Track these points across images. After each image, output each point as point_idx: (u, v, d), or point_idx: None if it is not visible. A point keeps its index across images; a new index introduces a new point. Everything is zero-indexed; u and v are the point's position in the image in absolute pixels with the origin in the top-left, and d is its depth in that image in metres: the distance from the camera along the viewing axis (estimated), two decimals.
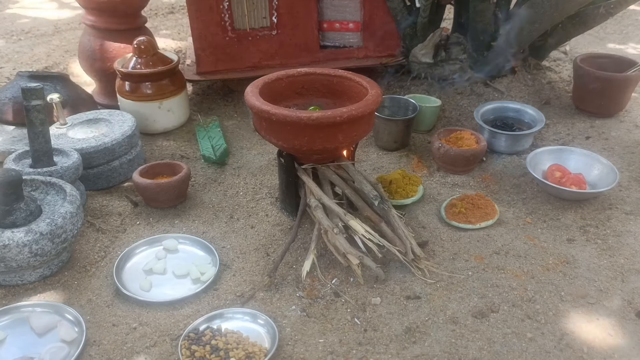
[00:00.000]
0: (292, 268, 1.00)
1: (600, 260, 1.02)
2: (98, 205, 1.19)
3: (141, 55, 1.41)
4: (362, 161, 1.35)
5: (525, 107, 1.43)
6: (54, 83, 1.41)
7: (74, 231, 0.97)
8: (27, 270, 0.96)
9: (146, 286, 0.97)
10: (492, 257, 1.03)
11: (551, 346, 0.85)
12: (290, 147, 0.99)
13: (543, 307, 0.92)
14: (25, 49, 2.12)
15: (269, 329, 0.87)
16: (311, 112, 0.92)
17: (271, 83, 1.06)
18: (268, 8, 1.53)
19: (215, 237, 1.09)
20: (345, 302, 0.93)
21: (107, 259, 1.04)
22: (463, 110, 1.58)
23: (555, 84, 1.72)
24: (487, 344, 0.85)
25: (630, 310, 0.91)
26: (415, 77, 1.69)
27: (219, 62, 1.58)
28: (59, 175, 1.07)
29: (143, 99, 1.42)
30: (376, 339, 0.86)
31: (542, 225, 1.12)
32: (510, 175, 1.28)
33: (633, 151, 1.38)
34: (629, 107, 1.57)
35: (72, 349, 0.84)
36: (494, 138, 1.34)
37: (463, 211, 1.11)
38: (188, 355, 0.82)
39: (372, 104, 0.95)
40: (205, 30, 1.52)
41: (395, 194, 1.16)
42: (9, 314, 0.91)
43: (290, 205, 1.12)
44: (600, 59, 1.55)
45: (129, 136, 1.25)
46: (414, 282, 0.96)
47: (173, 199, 1.17)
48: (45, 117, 1.07)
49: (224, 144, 1.38)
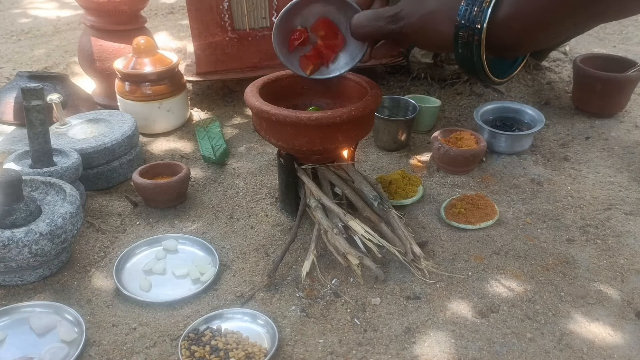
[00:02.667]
0: (291, 268, 1.00)
1: (600, 260, 1.02)
2: (98, 205, 1.19)
3: (141, 55, 1.41)
4: (362, 161, 1.35)
5: (525, 108, 1.43)
6: (54, 83, 1.41)
7: (73, 231, 0.97)
8: (27, 271, 0.96)
9: (146, 286, 0.97)
10: (492, 257, 1.03)
11: (551, 346, 0.85)
12: (290, 148, 0.99)
13: (543, 307, 0.92)
14: (25, 49, 2.12)
15: (269, 329, 0.87)
16: (311, 113, 0.92)
17: (271, 83, 1.06)
18: (268, 8, 1.53)
19: (215, 238, 1.09)
20: (345, 302, 0.93)
21: (107, 259, 1.04)
22: (463, 110, 1.58)
23: (555, 84, 1.72)
24: (487, 344, 0.85)
25: (630, 310, 0.91)
26: (415, 77, 1.70)
27: (219, 62, 1.57)
28: (58, 176, 1.07)
29: (143, 99, 1.42)
30: (376, 339, 0.86)
31: (541, 225, 1.12)
32: (510, 175, 1.28)
33: (633, 151, 1.38)
34: (628, 107, 1.57)
35: (72, 349, 0.84)
36: (494, 138, 1.34)
37: (463, 211, 1.11)
38: (188, 355, 0.82)
39: (372, 104, 0.95)
40: (205, 31, 1.52)
41: (395, 194, 1.16)
42: (8, 314, 0.91)
43: (290, 205, 1.12)
44: (600, 59, 1.55)
45: (129, 136, 1.25)
46: (414, 283, 0.96)
47: (173, 199, 1.17)
48: (45, 117, 1.07)
49: (223, 144, 1.38)
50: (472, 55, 0.63)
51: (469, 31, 0.61)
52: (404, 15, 0.69)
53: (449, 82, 1.68)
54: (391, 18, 0.71)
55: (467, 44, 0.62)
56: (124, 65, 1.41)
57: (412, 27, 0.69)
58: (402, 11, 0.69)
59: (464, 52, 0.63)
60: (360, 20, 0.77)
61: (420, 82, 1.70)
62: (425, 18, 0.67)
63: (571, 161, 1.34)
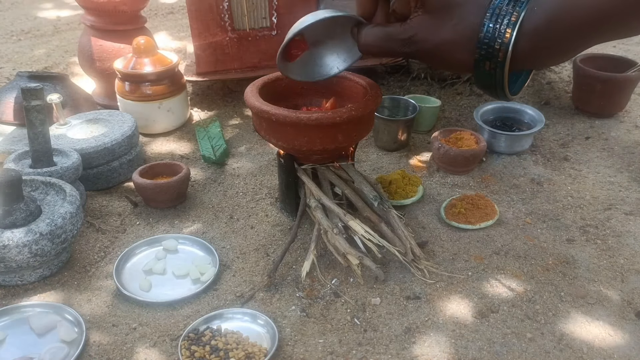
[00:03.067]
0: (291, 268, 1.00)
1: (600, 260, 1.02)
2: (98, 205, 1.19)
3: (141, 55, 1.41)
4: (362, 161, 1.35)
5: (525, 108, 1.43)
6: (54, 83, 1.41)
7: (73, 231, 0.97)
8: (27, 271, 0.96)
9: (146, 286, 0.97)
10: (492, 257, 1.03)
11: (551, 346, 0.85)
12: (290, 148, 0.99)
13: (543, 307, 0.92)
14: (25, 49, 2.12)
15: (269, 329, 0.87)
16: (311, 113, 0.92)
17: (271, 83, 1.06)
18: (268, 8, 1.53)
19: (215, 238, 1.09)
20: (345, 302, 0.93)
21: (107, 259, 1.04)
22: (463, 110, 1.58)
23: (555, 84, 1.72)
24: (487, 344, 0.85)
25: (630, 311, 0.91)
26: (415, 77, 1.70)
27: (219, 62, 1.57)
28: (58, 176, 1.07)
29: (143, 99, 1.42)
30: (376, 339, 0.86)
31: (541, 225, 1.12)
32: (510, 175, 1.28)
33: (633, 151, 1.38)
34: (628, 107, 1.57)
35: (72, 349, 0.84)
36: (494, 138, 1.34)
37: (463, 211, 1.11)
38: (188, 355, 0.82)
39: (372, 104, 0.95)
40: (205, 31, 1.52)
41: (395, 194, 1.16)
42: (8, 314, 0.91)
43: (290, 205, 1.12)
44: (600, 59, 1.55)
45: (129, 136, 1.25)
46: (414, 283, 0.96)
47: (173, 199, 1.17)
48: (45, 117, 1.07)
49: (223, 144, 1.38)
50: (494, 73, 0.60)
51: (493, 50, 0.57)
52: (417, 40, 0.65)
53: (449, 82, 1.68)
54: (404, 41, 0.66)
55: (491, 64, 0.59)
56: (124, 65, 1.41)
57: (426, 53, 0.65)
58: (416, 35, 0.65)
59: (485, 72, 0.60)
60: (368, 40, 0.71)
61: (420, 82, 1.70)
62: (442, 47, 0.63)
63: (571, 161, 1.34)
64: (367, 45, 0.72)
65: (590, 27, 0.54)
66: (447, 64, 0.66)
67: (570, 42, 0.57)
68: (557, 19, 0.55)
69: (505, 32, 0.56)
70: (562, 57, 0.61)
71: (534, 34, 0.57)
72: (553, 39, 0.56)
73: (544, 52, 0.58)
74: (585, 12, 0.53)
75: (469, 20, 0.59)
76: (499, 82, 0.61)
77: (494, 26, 0.57)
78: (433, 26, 0.63)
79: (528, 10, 0.56)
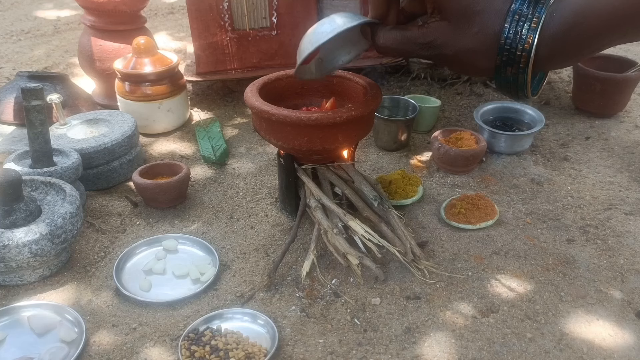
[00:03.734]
0: (291, 268, 1.00)
1: (600, 260, 1.02)
2: (98, 205, 1.19)
3: (141, 55, 1.41)
4: (362, 161, 1.35)
5: (525, 108, 1.43)
6: (54, 83, 1.41)
7: (73, 231, 0.97)
8: (27, 271, 0.96)
9: (146, 286, 0.97)
10: (492, 257, 1.03)
11: (551, 346, 0.85)
12: (290, 148, 0.99)
13: (543, 307, 0.92)
14: (25, 49, 2.12)
15: (269, 329, 0.87)
16: (311, 113, 0.92)
17: (271, 83, 1.06)
18: (268, 8, 1.53)
19: (215, 238, 1.09)
20: (345, 302, 0.93)
21: (107, 259, 1.04)
22: (463, 110, 1.58)
23: (555, 84, 1.72)
24: (487, 344, 0.85)
25: (630, 311, 0.91)
26: (415, 77, 1.70)
27: (219, 62, 1.57)
28: (58, 176, 1.07)
29: (143, 99, 1.42)
30: (376, 339, 0.86)
31: (541, 225, 1.12)
32: (510, 175, 1.28)
33: (633, 151, 1.38)
34: (629, 108, 1.57)
35: (72, 349, 0.84)
36: (494, 138, 1.34)
37: (463, 211, 1.11)
38: (188, 355, 0.82)
39: (372, 104, 0.95)
40: (205, 31, 1.52)
41: (394, 194, 1.16)
42: (8, 314, 0.91)
43: (290, 205, 1.12)
44: (600, 59, 1.55)
45: (129, 136, 1.25)
46: (414, 283, 0.96)
47: (173, 200, 1.17)
48: (45, 117, 1.07)
49: (223, 144, 1.38)
50: (516, 77, 0.60)
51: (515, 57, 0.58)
52: (438, 45, 0.64)
53: (449, 82, 1.69)
54: (423, 45, 0.66)
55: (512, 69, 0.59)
56: (124, 65, 1.41)
57: (446, 58, 0.65)
58: (436, 40, 0.64)
59: (506, 77, 0.60)
60: (387, 43, 0.71)
61: (420, 82, 1.70)
62: (462, 54, 0.62)
63: (571, 161, 1.34)
64: (385, 47, 0.72)
65: (606, 32, 0.55)
66: (468, 69, 0.66)
67: (587, 46, 0.57)
68: (576, 24, 0.55)
69: (527, 39, 0.56)
70: (576, 60, 0.61)
71: (553, 40, 0.57)
72: (571, 44, 0.57)
73: (561, 56, 0.59)
74: (603, 18, 0.53)
75: (489, 28, 0.59)
76: (521, 85, 0.61)
77: (515, 32, 0.57)
78: (452, 33, 0.62)
79: (547, 15, 0.56)
